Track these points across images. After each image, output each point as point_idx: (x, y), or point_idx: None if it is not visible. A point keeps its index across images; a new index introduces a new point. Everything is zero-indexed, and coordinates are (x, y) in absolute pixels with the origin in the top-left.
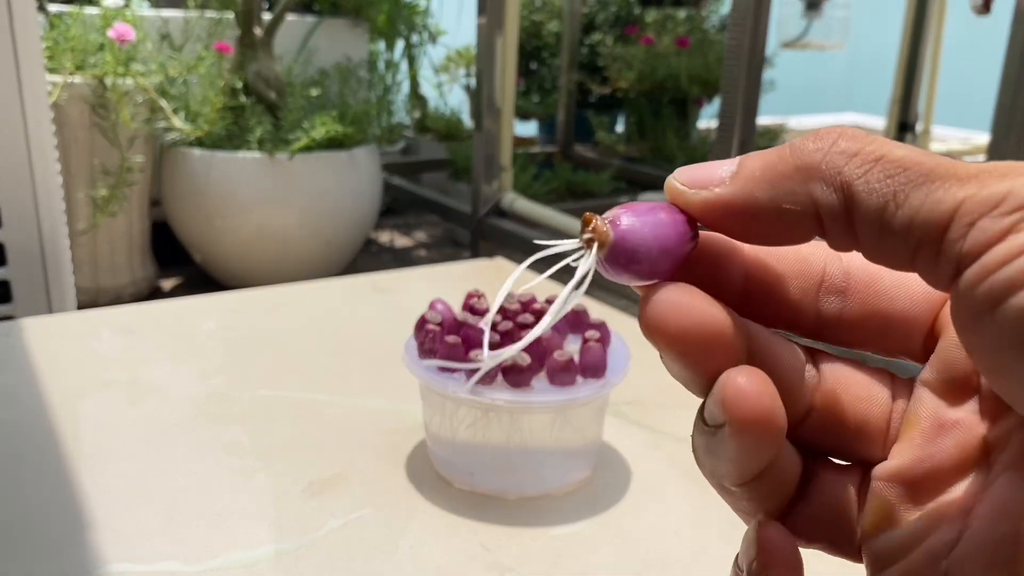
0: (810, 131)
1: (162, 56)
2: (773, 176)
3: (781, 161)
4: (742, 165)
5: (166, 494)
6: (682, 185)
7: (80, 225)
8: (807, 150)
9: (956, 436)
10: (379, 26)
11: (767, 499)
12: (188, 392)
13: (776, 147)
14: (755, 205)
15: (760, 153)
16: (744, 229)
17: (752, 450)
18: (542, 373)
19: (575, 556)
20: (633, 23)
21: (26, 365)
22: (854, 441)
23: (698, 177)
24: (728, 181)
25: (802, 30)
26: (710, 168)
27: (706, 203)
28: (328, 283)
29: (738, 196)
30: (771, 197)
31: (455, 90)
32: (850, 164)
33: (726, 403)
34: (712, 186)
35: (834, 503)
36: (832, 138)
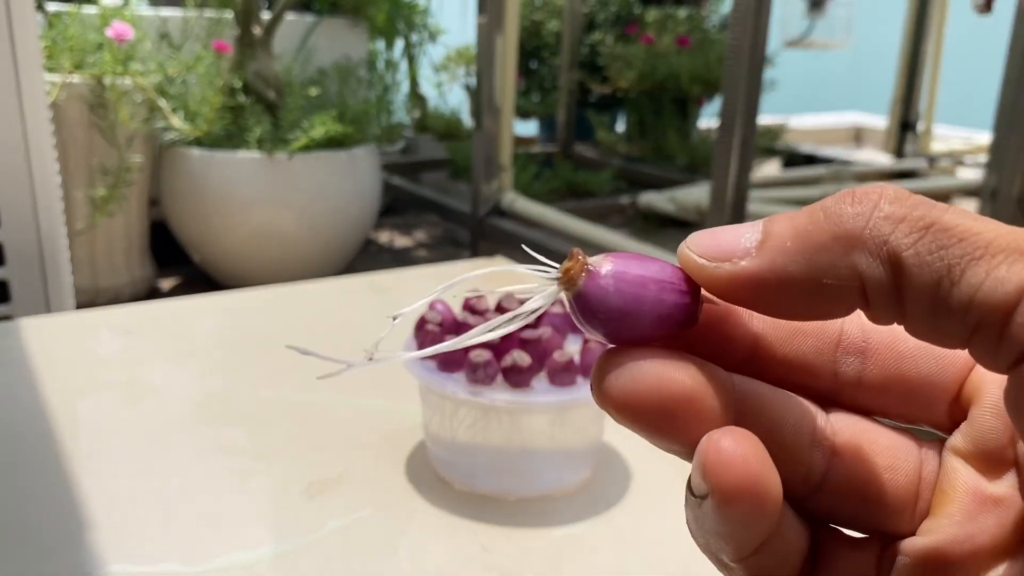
0: (841, 191)
1: (161, 55)
2: (808, 246)
3: (816, 228)
4: (769, 233)
5: (165, 495)
6: (701, 258)
7: (78, 225)
8: (846, 215)
9: (998, 515)
10: (379, 25)
11: (773, 573)
12: (187, 392)
13: (806, 210)
14: (789, 280)
15: (787, 217)
16: (774, 306)
17: (742, 523)
18: (542, 374)
19: (575, 557)
20: (634, 22)
21: (24, 365)
22: (876, 513)
23: (718, 248)
24: (754, 252)
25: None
26: (730, 236)
27: (731, 279)
28: (327, 283)
29: (768, 270)
30: (807, 271)
31: (455, 89)
32: (897, 232)
33: (707, 470)
34: (735, 258)
35: (850, 574)
36: (873, 200)
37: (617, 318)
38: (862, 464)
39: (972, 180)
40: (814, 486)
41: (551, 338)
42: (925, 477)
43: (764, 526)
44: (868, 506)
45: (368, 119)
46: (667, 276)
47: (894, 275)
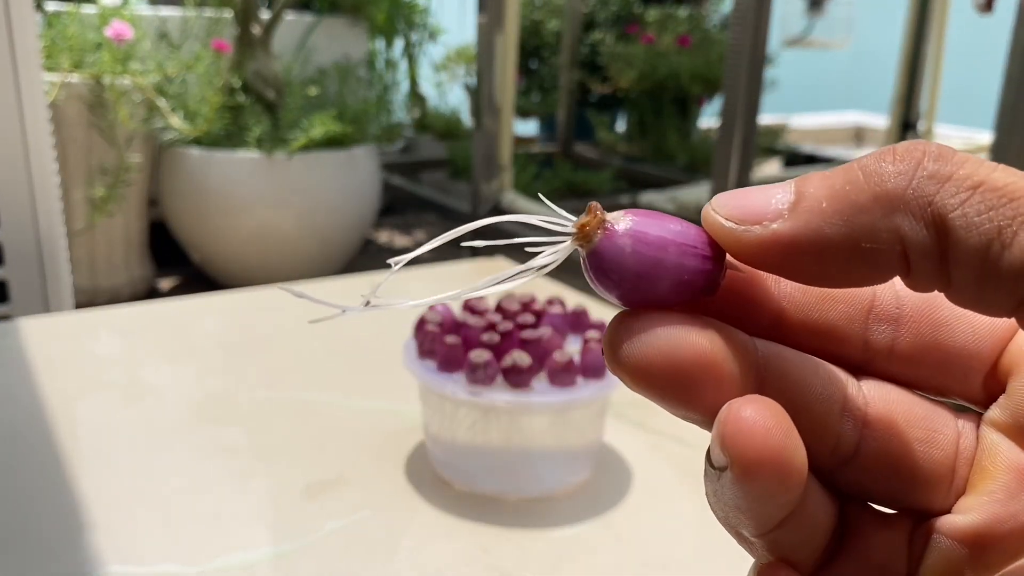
0: (881, 149)
1: (160, 55)
2: (845, 207)
3: (854, 188)
4: (802, 194)
5: (164, 495)
6: (727, 220)
7: (78, 225)
8: (887, 174)
9: None
10: (378, 24)
11: (793, 552)
12: (186, 393)
13: (842, 169)
14: (825, 244)
15: (822, 176)
16: (808, 272)
17: (764, 497)
18: (542, 374)
19: (575, 558)
20: (634, 21)
21: (23, 366)
22: (909, 488)
23: (747, 209)
24: (787, 214)
25: (805, 28)
26: (759, 196)
27: (761, 243)
28: (327, 283)
29: (803, 233)
30: (845, 234)
31: (455, 89)
32: (943, 192)
33: (726, 441)
34: (766, 220)
35: (878, 557)
36: (916, 158)
37: (632, 280)
38: (896, 436)
39: None
40: (843, 458)
41: (551, 338)
42: (962, 451)
43: (787, 500)
44: (901, 481)
45: (368, 119)
46: (690, 239)
47: (939, 238)
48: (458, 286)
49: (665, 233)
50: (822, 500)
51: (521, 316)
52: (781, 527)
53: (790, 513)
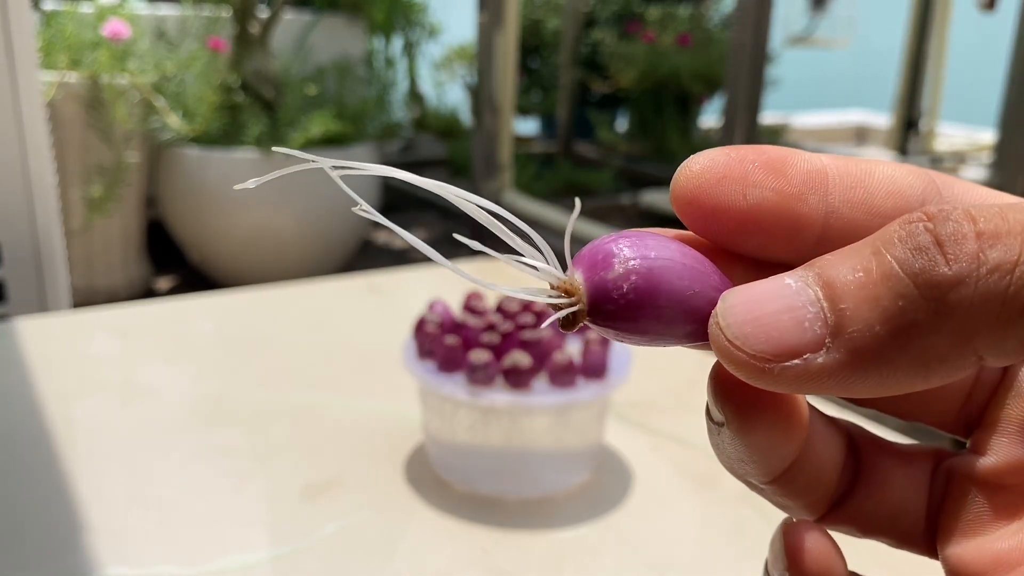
0: (914, 227)
1: (157, 54)
2: (904, 331)
3: (909, 306)
4: (843, 313)
5: (161, 497)
6: (754, 360)
7: (75, 224)
8: (944, 282)
9: None
10: (377, 23)
11: (804, 494)
12: (183, 394)
13: (877, 266)
14: (887, 371)
15: (860, 287)
16: (860, 394)
17: (765, 449)
18: (542, 375)
19: (576, 560)
20: (635, 20)
21: (20, 366)
22: (920, 406)
23: (776, 341)
24: (832, 343)
25: (807, 27)
26: (785, 316)
27: (805, 379)
28: (325, 283)
29: (858, 364)
30: (910, 359)
31: (454, 88)
32: (1015, 284)
33: (721, 398)
34: (806, 352)
35: (896, 491)
36: (971, 252)
37: (641, 334)
38: None
39: (976, 179)
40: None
41: (551, 339)
42: (983, 376)
43: (790, 450)
44: (913, 399)
45: (366, 117)
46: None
47: (1021, 334)
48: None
49: (670, 301)
50: (830, 436)
51: (521, 316)
52: (788, 472)
53: (795, 459)
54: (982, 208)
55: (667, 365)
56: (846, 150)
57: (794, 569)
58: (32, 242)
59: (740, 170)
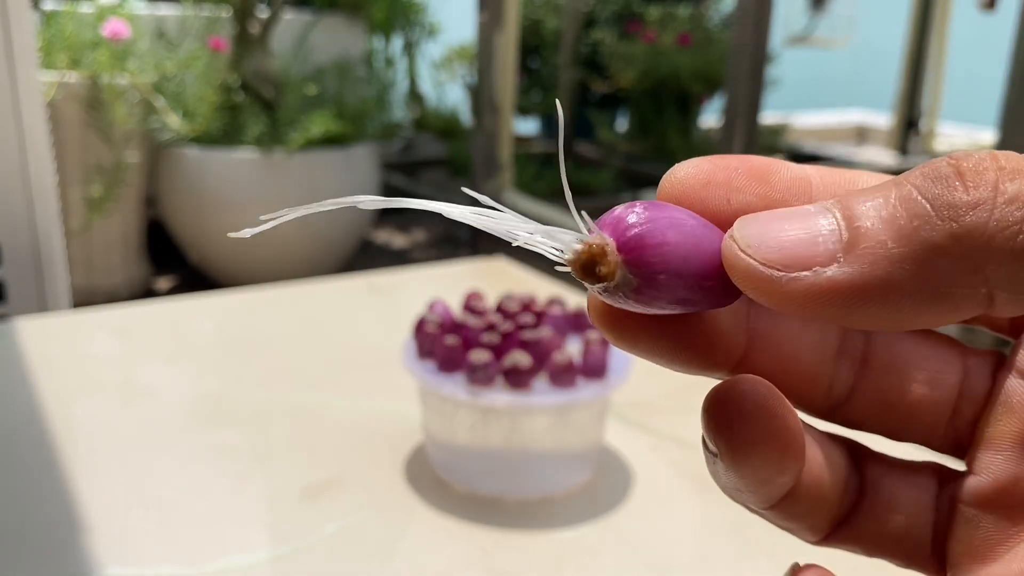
0: (941, 165)
1: (157, 53)
2: (918, 250)
3: (924, 225)
4: (858, 230)
5: (161, 497)
6: (765, 267)
7: (75, 224)
8: (961, 205)
9: None
10: (377, 22)
11: (806, 517)
12: (183, 394)
13: (900, 196)
14: (895, 292)
15: (876, 204)
16: (868, 320)
17: (760, 480)
18: (543, 375)
19: (576, 560)
20: (635, 20)
21: (20, 366)
22: (908, 424)
23: (789, 251)
24: (844, 257)
25: (807, 26)
26: (799, 232)
27: (813, 294)
28: (325, 283)
29: (869, 282)
30: (920, 280)
31: (454, 87)
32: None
33: (713, 432)
34: (816, 265)
35: (901, 510)
36: (990, 180)
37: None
38: (893, 375)
39: None
40: (840, 398)
41: (551, 339)
42: (968, 392)
43: (786, 480)
44: (901, 418)
45: (366, 117)
46: (713, 272)
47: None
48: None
49: (681, 265)
50: (831, 456)
51: (521, 316)
52: (787, 498)
53: (793, 486)
54: (1006, 152)
55: None
56: (846, 150)
57: None
58: (32, 242)
59: (724, 176)
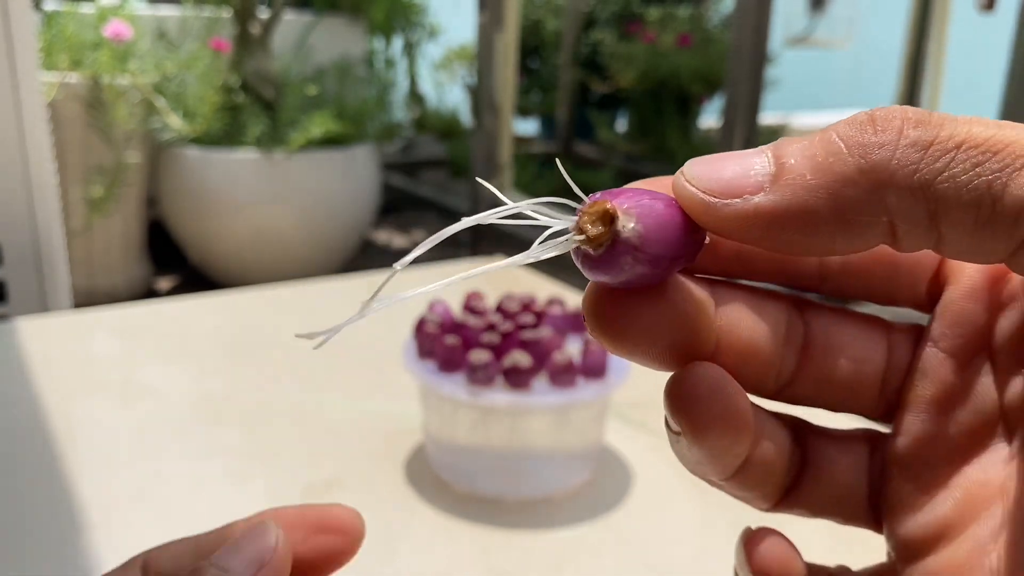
0: (857, 113)
1: (158, 54)
2: (830, 181)
3: (838, 160)
4: (783, 165)
5: (162, 496)
6: (704, 195)
7: (76, 225)
8: (869, 145)
9: (972, 406)
10: (377, 23)
11: (758, 486)
12: (184, 393)
13: (821, 137)
14: (810, 217)
15: (800, 146)
16: (789, 244)
17: (718, 454)
18: (543, 374)
19: (576, 560)
20: (635, 20)
21: (21, 366)
22: (846, 399)
23: (725, 181)
24: (768, 187)
25: (807, 27)
26: (735, 166)
27: (742, 217)
28: (326, 283)
29: (788, 207)
30: (831, 208)
31: (454, 88)
32: (927, 158)
33: (675, 412)
34: (746, 193)
35: (842, 475)
36: (896, 127)
37: (635, 277)
38: (829, 356)
39: None
40: (786, 381)
41: (551, 339)
42: (894, 364)
43: (739, 453)
44: (838, 393)
45: (367, 118)
46: (680, 221)
47: (928, 204)
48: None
49: (665, 229)
50: (776, 433)
51: (521, 316)
52: (742, 469)
53: (746, 458)
54: (916, 108)
55: None
56: None
57: (756, 571)
58: (33, 242)
59: None
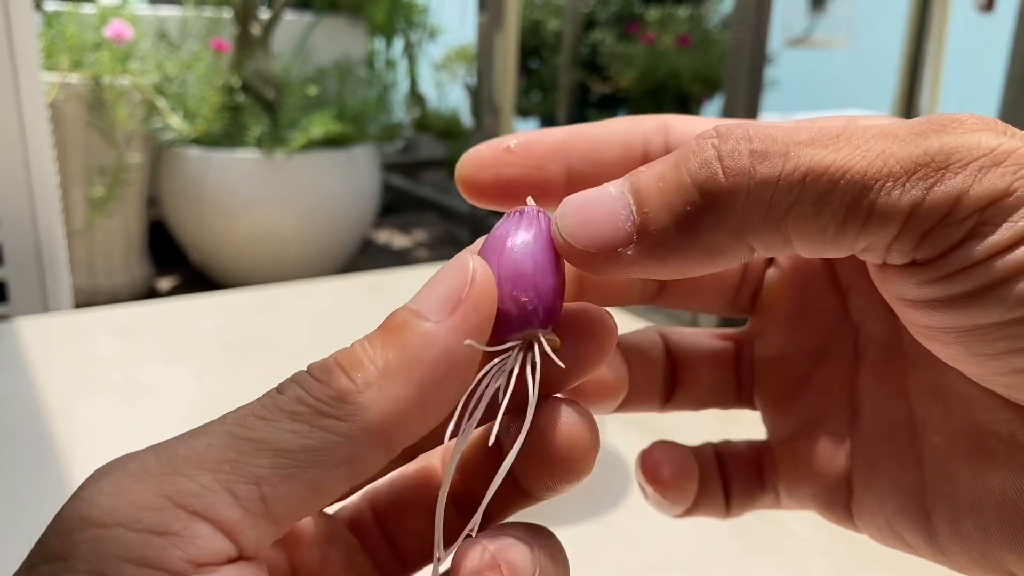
0: (704, 138)
1: (159, 54)
2: (692, 229)
3: (696, 209)
4: (646, 215)
5: None
6: (581, 247)
7: (77, 225)
8: (722, 190)
9: (816, 318)
10: (378, 24)
11: (642, 408)
12: (185, 393)
13: (675, 180)
14: (680, 262)
15: (659, 191)
16: (657, 277)
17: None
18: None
19: (575, 559)
20: (634, 21)
21: (22, 366)
22: (703, 301)
23: (595, 236)
24: (637, 239)
25: (807, 28)
26: (604, 217)
27: (617, 267)
28: (326, 283)
29: (656, 257)
30: (696, 250)
31: (454, 88)
32: (776, 196)
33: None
34: (619, 247)
35: (709, 382)
36: (743, 166)
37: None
38: (692, 295)
39: None
40: (652, 296)
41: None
42: (750, 270)
43: (616, 400)
44: (696, 292)
45: (367, 118)
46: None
47: (782, 234)
48: None
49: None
50: (648, 354)
51: None
52: (625, 404)
53: (625, 394)
54: (760, 128)
55: None
56: None
57: (647, 475)
58: (34, 242)
59: (493, 157)
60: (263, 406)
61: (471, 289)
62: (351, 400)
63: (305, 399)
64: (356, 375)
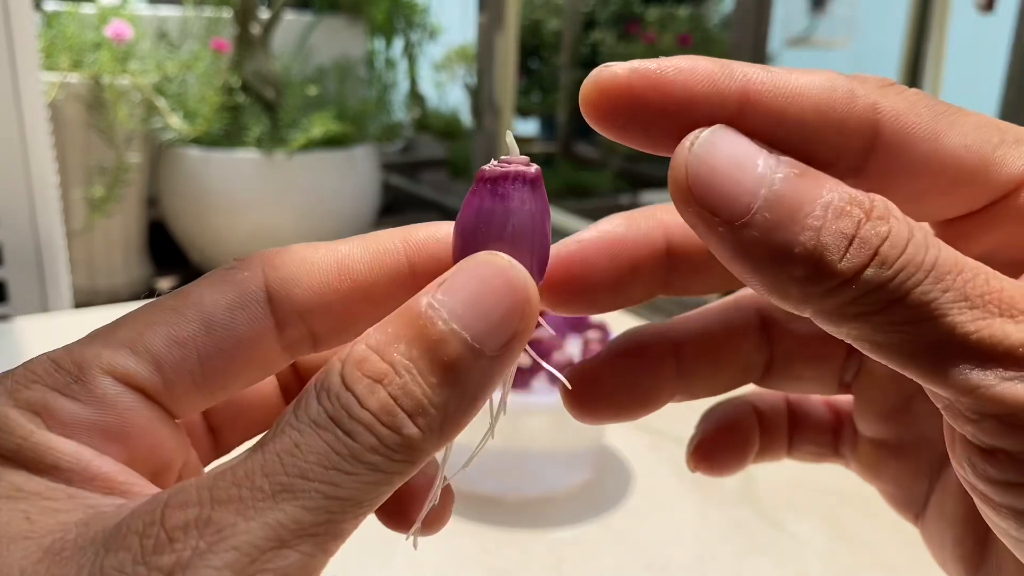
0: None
1: (159, 54)
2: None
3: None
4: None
5: None
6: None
7: (76, 225)
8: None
9: None
10: (378, 24)
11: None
12: None
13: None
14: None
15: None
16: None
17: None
18: (542, 374)
19: (576, 559)
20: (634, 21)
21: None
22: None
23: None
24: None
25: (807, 28)
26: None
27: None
28: None
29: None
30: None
31: (454, 88)
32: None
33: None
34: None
35: (808, 371)
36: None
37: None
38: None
39: None
40: (759, 377)
41: (551, 339)
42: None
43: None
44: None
45: (367, 118)
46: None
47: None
48: None
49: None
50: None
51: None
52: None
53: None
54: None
55: None
56: None
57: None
58: (33, 242)
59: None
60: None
61: (525, 321)
62: (418, 447)
63: (377, 448)
64: (419, 420)
